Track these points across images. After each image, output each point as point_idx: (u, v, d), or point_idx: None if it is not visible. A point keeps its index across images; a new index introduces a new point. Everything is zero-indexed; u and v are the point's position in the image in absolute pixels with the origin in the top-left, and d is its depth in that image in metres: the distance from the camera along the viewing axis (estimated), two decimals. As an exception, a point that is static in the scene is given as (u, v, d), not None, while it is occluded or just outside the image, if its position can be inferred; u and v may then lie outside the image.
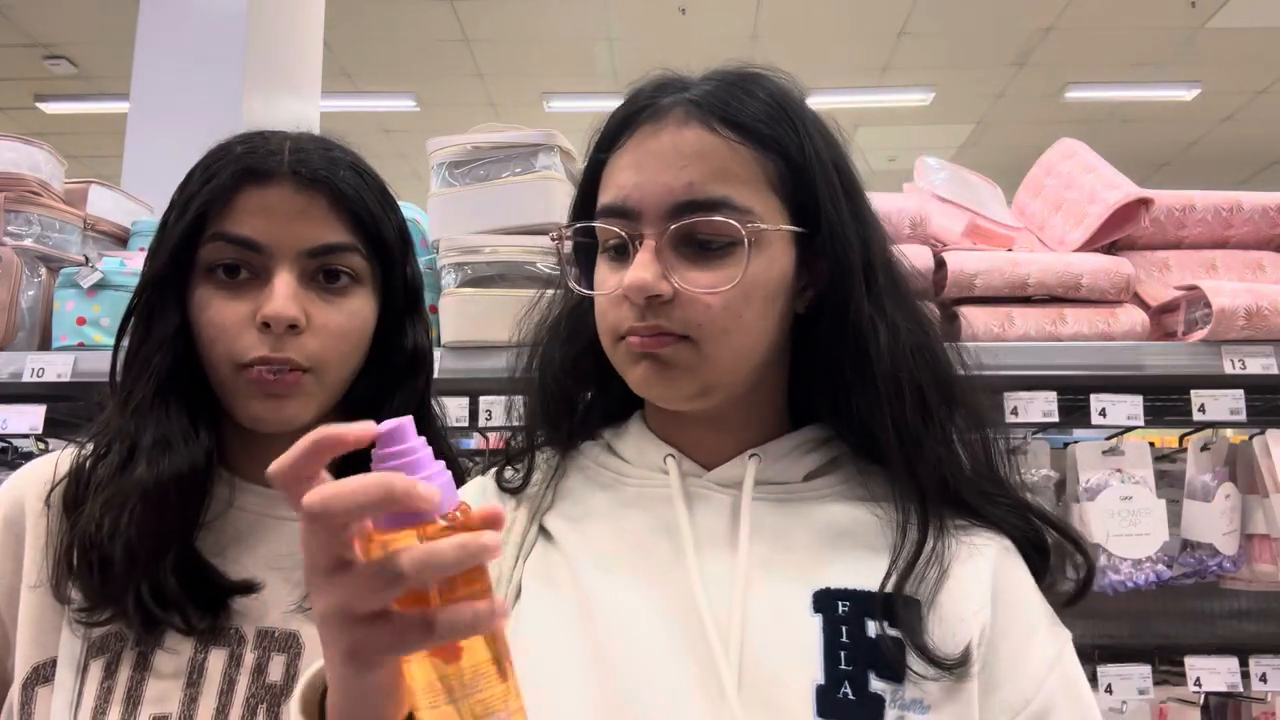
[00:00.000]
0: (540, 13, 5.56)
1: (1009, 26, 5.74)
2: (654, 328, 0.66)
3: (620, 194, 0.68)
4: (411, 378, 0.88)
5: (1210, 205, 1.64)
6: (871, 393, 0.68)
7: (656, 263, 0.66)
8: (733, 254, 0.66)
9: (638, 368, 0.68)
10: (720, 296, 0.66)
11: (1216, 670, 1.52)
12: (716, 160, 0.66)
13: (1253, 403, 1.49)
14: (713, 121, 0.67)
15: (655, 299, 0.66)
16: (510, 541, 0.74)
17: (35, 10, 5.44)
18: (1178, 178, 7.61)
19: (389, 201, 0.86)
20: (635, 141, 0.69)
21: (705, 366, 0.67)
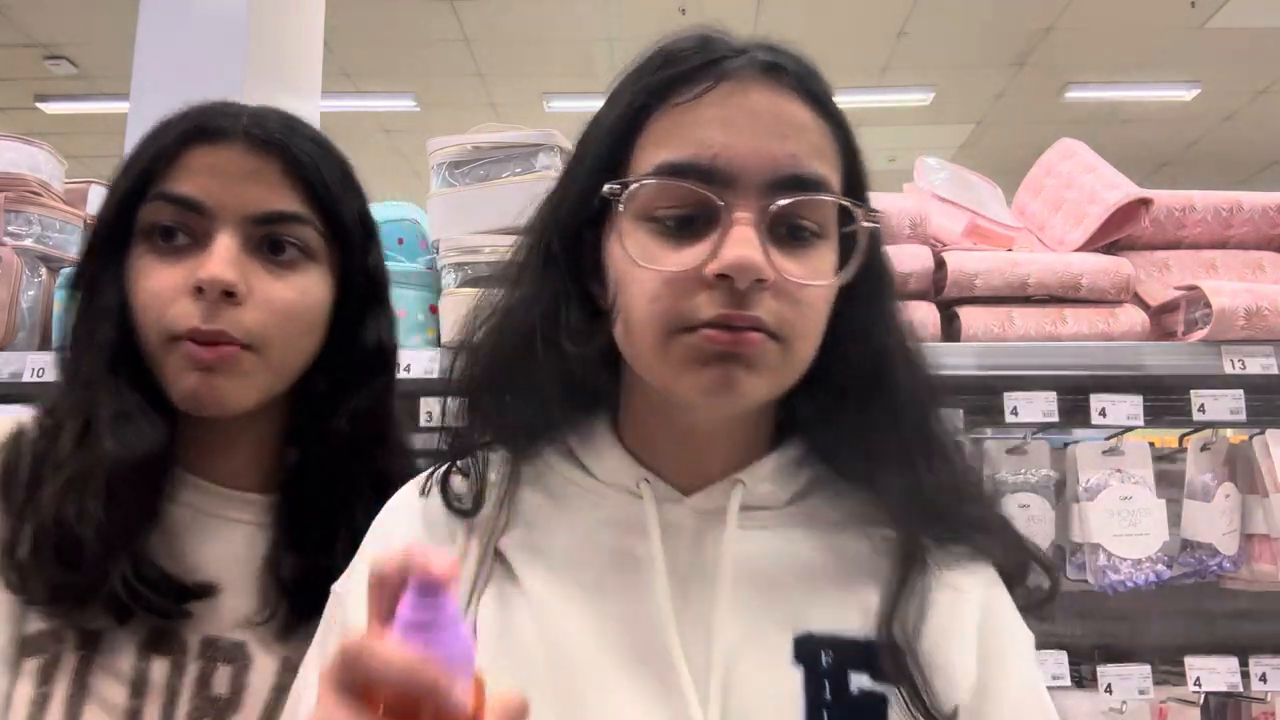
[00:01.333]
0: (540, 13, 5.55)
1: (1009, 26, 5.74)
2: (752, 319, 0.56)
3: (706, 151, 0.57)
4: (372, 376, 0.81)
5: (1210, 205, 1.64)
6: (880, 406, 0.62)
7: (759, 242, 0.55)
8: (818, 247, 0.59)
9: (709, 371, 0.57)
10: (816, 293, 0.58)
11: (1216, 670, 1.52)
12: (815, 136, 0.59)
13: (1252, 403, 1.49)
14: (803, 94, 0.59)
15: (759, 284, 0.55)
16: (464, 577, 0.63)
17: (35, 10, 5.44)
18: (1178, 178, 7.60)
19: (352, 185, 0.80)
20: (719, 95, 0.58)
21: (787, 371, 0.59)
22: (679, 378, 0.58)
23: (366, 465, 0.78)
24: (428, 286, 1.57)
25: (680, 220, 0.58)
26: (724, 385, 0.57)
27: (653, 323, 0.58)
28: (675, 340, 0.57)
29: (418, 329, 1.56)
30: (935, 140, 7.22)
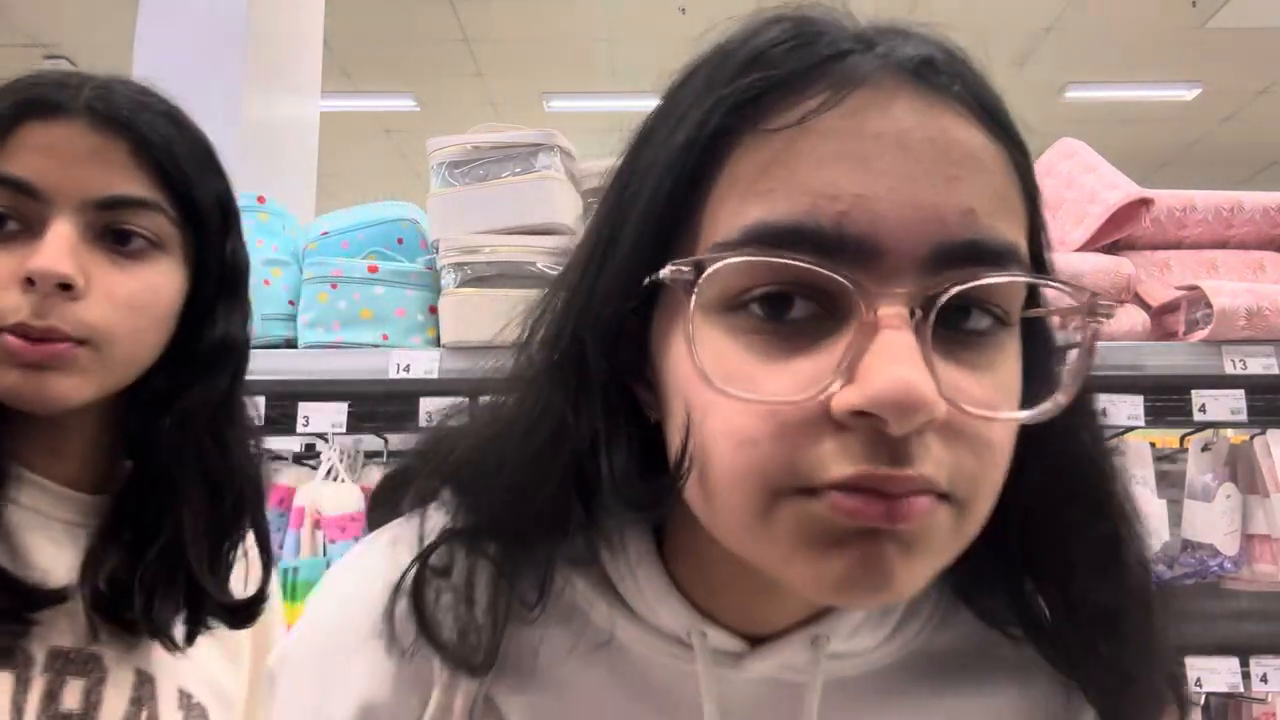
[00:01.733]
0: (540, 13, 5.55)
1: (1009, 26, 5.74)
2: (917, 480, 0.35)
3: (830, 207, 0.36)
4: (215, 371, 0.74)
5: (1211, 205, 1.64)
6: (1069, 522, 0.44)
7: (920, 358, 0.35)
8: (1001, 353, 0.39)
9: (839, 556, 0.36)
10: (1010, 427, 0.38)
11: (1217, 671, 1.52)
12: (997, 175, 0.38)
13: (1253, 403, 1.49)
14: (971, 106, 0.39)
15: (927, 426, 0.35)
16: None
17: (35, 10, 5.45)
18: (1178, 178, 7.59)
19: (212, 165, 0.73)
20: (843, 115, 0.37)
21: (955, 548, 0.38)
22: (790, 562, 0.37)
23: (194, 469, 0.72)
24: (427, 286, 1.57)
25: (797, 320, 0.37)
26: (868, 577, 0.36)
27: (748, 481, 0.37)
28: (784, 506, 0.37)
29: (417, 329, 1.56)
30: (935, 140, 7.21)
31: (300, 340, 1.56)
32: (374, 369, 1.52)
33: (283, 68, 3.95)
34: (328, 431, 1.55)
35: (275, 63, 3.87)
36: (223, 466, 0.74)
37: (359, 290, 1.54)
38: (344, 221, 1.62)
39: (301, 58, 4.14)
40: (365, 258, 1.57)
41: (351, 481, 1.57)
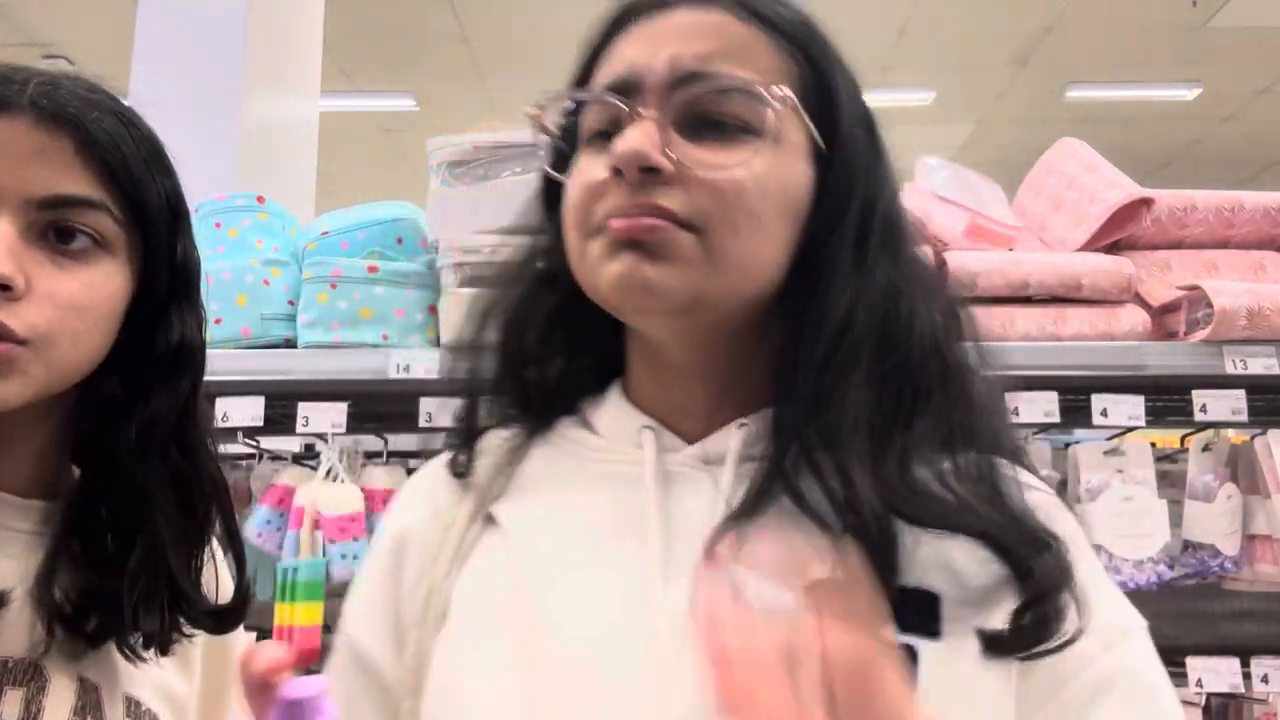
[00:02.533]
0: (540, 13, 5.55)
1: (1009, 26, 5.73)
2: (651, 207, 0.54)
3: (620, 67, 0.59)
4: (173, 378, 0.72)
5: (1212, 205, 1.64)
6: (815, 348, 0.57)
7: (657, 134, 0.55)
8: (745, 142, 0.56)
9: (615, 262, 0.55)
10: (733, 179, 0.55)
11: (1218, 671, 1.52)
12: (735, 40, 0.58)
13: (1254, 403, 1.49)
14: (736, 9, 0.58)
15: (652, 175, 0.55)
16: (447, 544, 0.63)
17: (35, 10, 5.45)
18: (1179, 178, 7.60)
19: (161, 164, 0.71)
20: (645, 20, 0.60)
21: (706, 266, 0.55)
22: (596, 278, 0.57)
23: (162, 475, 0.71)
24: (427, 286, 1.57)
25: (604, 134, 0.58)
26: (630, 276, 0.55)
27: (575, 230, 0.59)
28: (590, 244, 0.58)
29: (417, 329, 1.56)
30: (935, 140, 7.21)
31: (300, 340, 1.56)
32: (374, 369, 1.52)
33: (283, 68, 3.95)
34: (327, 431, 1.55)
35: (275, 63, 3.87)
36: (191, 471, 0.73)
37: (359, 290, 1.54)
38: (344, 221, 1.62)
39: (301, 58, 4.14)
40: (365, 258, 1.57)
41: (351, 481, 1.57)
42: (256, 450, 1.72)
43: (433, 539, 0.64)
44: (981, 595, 0.55)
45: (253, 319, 1.58)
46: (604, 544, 0.59)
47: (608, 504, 0.61)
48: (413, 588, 0.63)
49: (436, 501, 0.67)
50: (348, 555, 1.51)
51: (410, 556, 0.65)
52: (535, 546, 0.61)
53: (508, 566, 0.61)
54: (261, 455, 1.72)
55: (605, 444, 0.64)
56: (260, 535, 1.58)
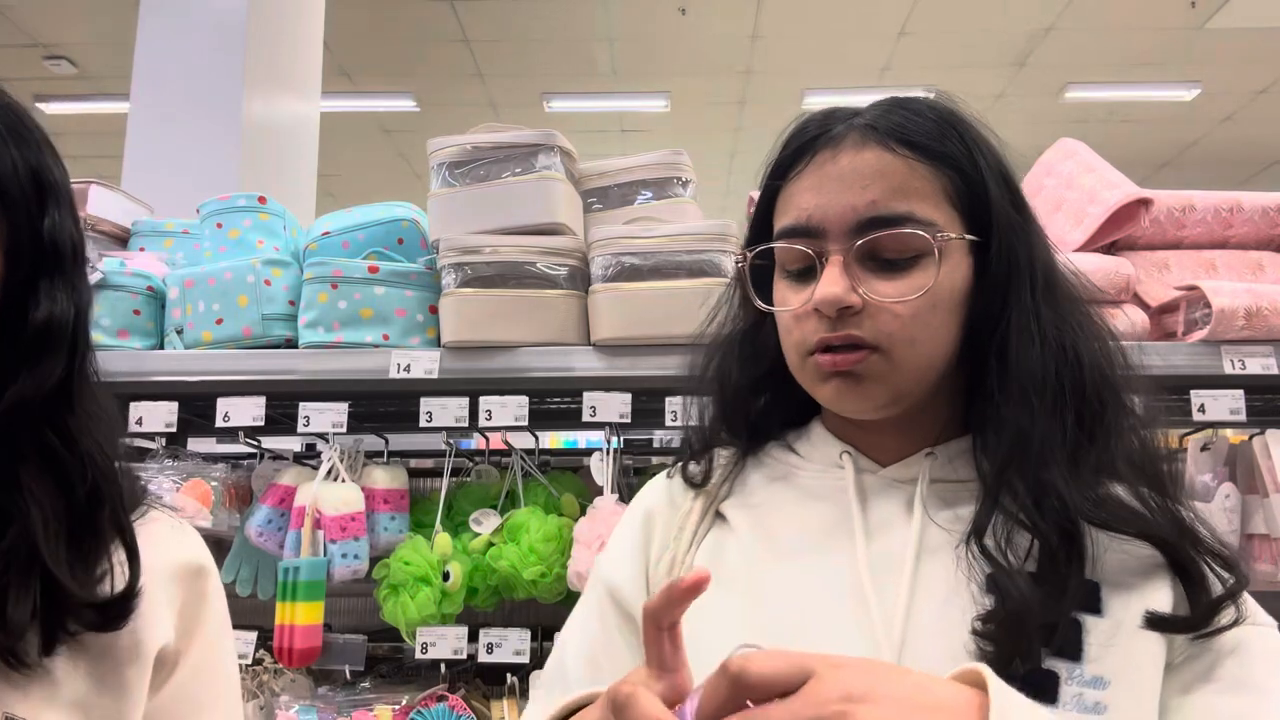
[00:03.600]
0: (540, 13, 5.56)
1: (1009, 26, 5.74)
2: (846, 337, 0.69)
3: (802, 215, 0.71)
4: (43, 356, 0.68)
5: (1210, 205, 1.64)
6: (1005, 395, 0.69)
7: (845, 277, 0.68)
8: (919, 265, 0.69)
9: (828, 385, 0.71)
10: (910, 305, 0.68)
11: (1216, 670, 1.52)
12: (897, 178, 0.69)
13: (1253, 403, 1.49)
14: (889, 142, 0.70)
15: (846, 310, 0.68)
16: (686, 528, 0.79)
17: (35, 10, 5.45)
18: (1178, 178, 7.61)
19: (18, 136, 0.67)
20: (813, 167, 0.72)
21: (895, 376, 0.70)
22: (816, 391, 0.73)
23: (33, 461, 0.67)
24: (427, 286, 1.57)
25: (801, 270, 0.72)
26: (842, 395, 0.71)
27: (792, 351, 0.74)
28: (806, 362, 0.72)
29: (417, 329, 1.56)
30: (935, 140, 7.21)
31: (300, 340, 1.56)
32: (374, 369, 1.52)
33: (283, 68, 3.96)
34: (328, 431, 1.55)
35: (275, 63, 3.87)
36: (68, 457, 0.68)
37: (359, 290, 1.54)
38: (344, 221, 1.62)
39: (301, 58, 4.14)
40: (365, 258, 1.57)
41: (352, 481, 1.58)
42: (258, 450, 1.72)
43: (673, 521, 0.80)
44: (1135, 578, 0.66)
45: (254, 319, 1.58)
46: (816, 540, 0.73)
47: (816, 511, 0.75)
48: (658, 556, 0.79)
49: (673, 495, 0.83)
50: (348, 554, 1.52)
51: (656, 529, 0.81)
52: (758, 535, 0.75)
53: (737, 550, 0.76)
54: (263, 455, 1.73)
55: (810, 465, 0.79)
56: (261, 535, 1.58)
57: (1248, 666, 0.64)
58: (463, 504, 1.64)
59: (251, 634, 1.57)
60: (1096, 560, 0.66)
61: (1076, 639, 0.64)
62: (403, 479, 1.64)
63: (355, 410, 1.59)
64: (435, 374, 1.51)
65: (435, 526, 1.58)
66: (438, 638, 1.50)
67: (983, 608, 0.64)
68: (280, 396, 1.60)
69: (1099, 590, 0.66)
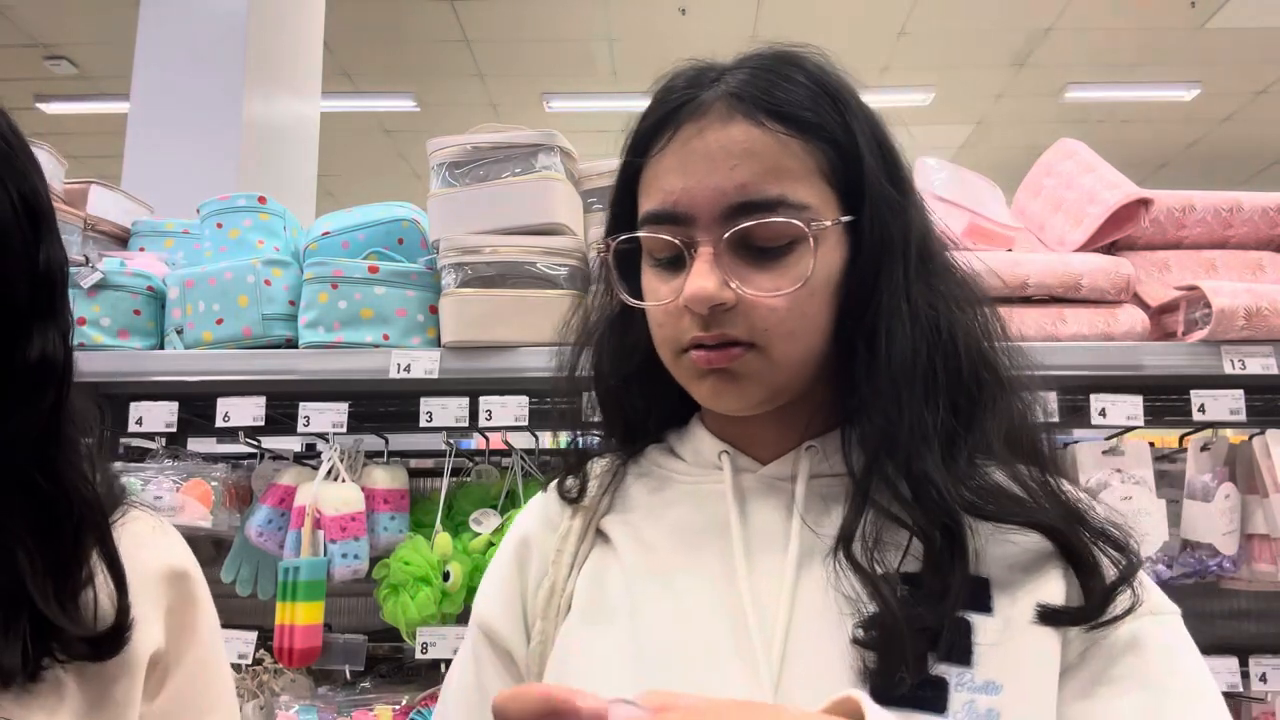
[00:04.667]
0: (540, 13, 5.56)
1: (1009, 26, 5.74)
2: (719, 336, 0.64)
3: (668, 199, 0.65)
4: (33, 397, 0.66)
5: (1210, 205, 1.64)
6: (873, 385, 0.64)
7: (716, 270, 0.63)
8: (794, 253, 0.64)
9: (705, 383, 0.67)
10: (786, 299, 0.63)
11: (1216, 670, 1.52)
12: (768, 157, 0.63)
13: (1253, 403, 1.49)
14: (758, 115, 0.63)
15: (719, 308, 0.63)
16: (565, 550, 0.74)
17: (35, 10, 5.45)
18: (1178, 178, 7.61)
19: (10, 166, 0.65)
20: (677, 143, 0.65)
21: (773, 372, 0.65)
22: (692, 388, 0.68)
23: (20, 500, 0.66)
24: (427, 286, 1.57)
25: (669, 259, 0.67)
26: (719, 393, 0.66)
27: (664, 346, 0.69)
28: (680, 360, 0.67)
29: (417, 329, 1.56)
30: (935, 140, 7.22)
31: (300, 340, 1.56)
32: (374, 369, 1.52)
33: (283, 68, 3.96)
34: (328, 431, 1.55)
35: (275, 63, 3.87)
36: (54, 492, 0.67)
37: (359, 290, 1.54)
38: (345, 221, 1.62)
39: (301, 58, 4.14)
40: (366, 258, 1.57)
41: (352, 481, 1.58)
42: (258, 450, 1.72)
43: (550, 545, 0.75)
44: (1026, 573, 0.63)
45: (254, 319, 1.58)
46: (697, 555, 0.69)
47: (696, 517, 0.71)
48: (535, 585, 0.74)
49: (550, 515, 0.78)
50: (349, 554, 1.52)
51: (533, 555, 0.76)
52: (639, 553, 0.71)
53: (619, 572, 0.71)
54: (263, 455, 1.73)
55: (689, 468, 0.75)
56: (261, 535, 1.58)
57: (1146, 663, 0.60)
58: (463, 504, 1.64)
59: (251, 634, 1.57)
60: (980, 554, 0.63)
61: (965, 641, 0.60)
62: (403, 479, 1.64)
63: (355, 410, 1.59)
64: (435, 374, 1.51)
65: (435, 526, 1.58)
66: (438, 638, 1.50)
67: (862, 615, 0.60)
68: (280, 396, 1.60)
69: (988, 587, 0.62)
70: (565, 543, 0.74)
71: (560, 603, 0.72)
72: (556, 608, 0.72)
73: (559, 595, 0.72)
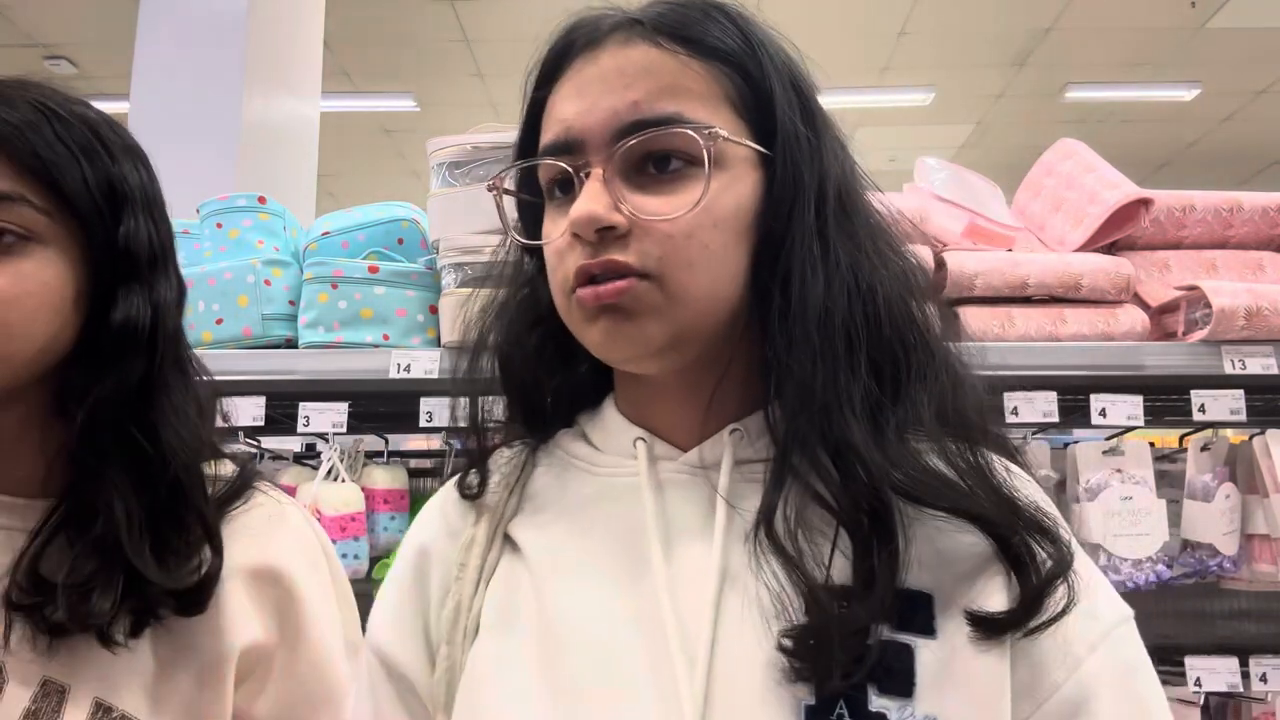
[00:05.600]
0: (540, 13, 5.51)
1: (1009, 26, 5.74)
2: (608, 264, 0.57)
3: (562, 127, 0.60)
4: (124, 357, 0.71)
5: (1210, 205, 1.64)
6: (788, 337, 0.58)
7: (606, 192, 0.57)
8: (691, 175, 0.58)
9: (596, 325, 0.58)
10: (682, 223, 0.57)
11: (1216, 670, 1.52)
12: (665, 76, 0.59)
13: (1253, 403, 1.49)
14: (658, 38, 0.59)
15: (609, 232, 0.57)
16: (469, 564, 0.65)
17: (35, 10, 5.44)
18: (1178, 178, 7.60)
19: (91, 149, 0.71)
20: (574, 71, 0.61)
21: (673, 308, 0.57)
22: (583, 337, 0.61)
23: (116, 457, 0.71)
24: (427, 286, 1.57)
25: (562, 186, 0.61)
26: (611, 336, 0.58)
27: (558, 292, 0.61)
28: (571, 301, 0.60)
29: (417, 329, 1.56)
30: (935, 140, 7.22)
31: (300, 340, 1.56)
32: (374, 369, 1.52)
33: (283, 68, 3.96)
34: (328, 431, 1.55)
35: (275, 63, 3.87)
36: (152, 452, 0.71)
37: (359, 290, 1.54)
38: (344, 221, 1.62)
39: (301, 58, 4.14)
40: (365, 258, 1.57)
41: (352, 481, 1.58)
42: (258, 450, 1.72)
43: (452, 557, 0.66)
44: (972, 585, 0.57)
45: (254, 319, 1.58)
46: (613, 558, 0.61)
47: (611, 514, 0.63)
48: (438, 603, 0.65)
49: (450, 520, 0.69)
50: (349, 554, 1.52)
51: (433, 569, 0.67)
52: (551, 562, 0.63)
53: (530, 587, 0.63)
54: (263, 455, 1.73)
55: (603, 457, 0.67)
56: (261, 535, 1.58)
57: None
58: (463, 504, 1.64)
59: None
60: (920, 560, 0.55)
61: (907, 668, 0.53)
62: (403, 479, 1.64)
63: (355, 410, 1.59)
64: (435, 374, 1.50)
65: (435, 526, 1.58)
66: (438, 638, 1.50)
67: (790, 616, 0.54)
68: (280, 396, 1.60)
69: (930, 604, 0.56)
70: (469, 555, 0.65)
71: (468, 624, 0.63)
72: (464, 630, 0.63)
73: (465, 615, 0.63)
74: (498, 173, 0.65)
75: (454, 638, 0.63)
